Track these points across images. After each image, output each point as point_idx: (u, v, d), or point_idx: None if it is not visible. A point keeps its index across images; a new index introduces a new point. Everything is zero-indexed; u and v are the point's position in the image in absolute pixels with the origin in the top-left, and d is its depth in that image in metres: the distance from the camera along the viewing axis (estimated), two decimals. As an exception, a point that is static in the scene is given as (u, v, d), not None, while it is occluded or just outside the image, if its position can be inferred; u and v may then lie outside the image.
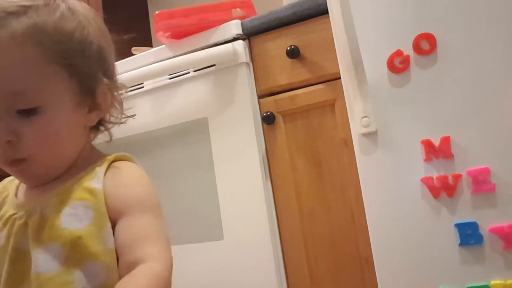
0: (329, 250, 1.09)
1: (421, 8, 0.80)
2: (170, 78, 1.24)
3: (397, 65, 0.82)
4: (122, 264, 0.49)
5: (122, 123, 0.62)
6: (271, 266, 1.10)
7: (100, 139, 0.63)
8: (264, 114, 1.14)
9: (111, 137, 0.63)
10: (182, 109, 1.22)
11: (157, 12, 1.26)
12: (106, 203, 0.52)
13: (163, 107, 1.25)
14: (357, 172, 0.87)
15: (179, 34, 1.25)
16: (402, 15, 0.82)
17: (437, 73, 0.79)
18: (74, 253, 0.49)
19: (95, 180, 0.53)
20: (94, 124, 0.58)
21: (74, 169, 0.56)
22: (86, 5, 0.57)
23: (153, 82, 1.26)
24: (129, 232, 0.50)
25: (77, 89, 0.54)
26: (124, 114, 0.62)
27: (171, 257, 0.50)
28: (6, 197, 0.59)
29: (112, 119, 0.61)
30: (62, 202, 0.52)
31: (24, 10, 0.50)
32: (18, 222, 0.53)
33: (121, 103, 0.61)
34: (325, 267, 1.09)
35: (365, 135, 0.84)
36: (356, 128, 0.85)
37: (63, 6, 0.53)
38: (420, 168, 0.79)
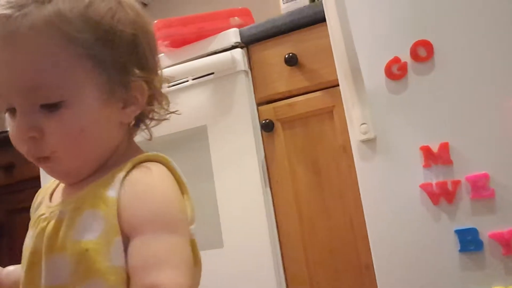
0: (328, 257, 1.09)
1: (418, 15, 0.81)
2: (169, 87, 1.23)
3: (395, 71, 0.82)
4: None
5: (165, 119, 0.57)
6: (271, 273, 1.10)
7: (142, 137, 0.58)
8: (263, 121, 1.15)
9: (151, 135, 0.58)
10: (181, 117, 1.20)
11: (155, 21, 1.27)
12: (118, 215, 0.46)
13: (162, 115, 1.26)
14: (356, 179, 0.87)
15: (177, 42, 1.26)
16: (399, 23, 0.82)
17: (435, 79, 0.80)
18: (80, 268, 0.45)
19: (112, 186, 0.47)
20: (130, 120, 0.53)
21: (105, 169, 0.51)
22: None
23: (152, 91, 1.26)
24: (144, 254, 0.44)
25: (106, 83, 0.48)
26: (167, 110, 0.56)
27: (188, 283, 0.44)
28: (44, 196, 0.56)
29: (154, 115, 0.56)
30: (77, 209, 0.48)
31: None
32: (41, 225, 0.49)
33: (164, 98, 0.56)
34: (325, 274, 1.09)
35: (364, 141, 0.84)
36: (355, 135, 0.85)
37: None
38: (419, 174, 0.79)
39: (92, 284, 0.45)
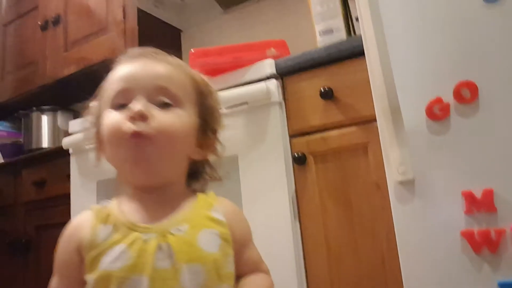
0: (358, 297, 1.05)
1: (463, 55, 0.79)
2: (202, 114, 1.25)
3: (437, 112, 0.80)
4: None
5: (212, 180, 0.71)
6: (297, 310, 1.06)
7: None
8: (295, 154, 1.13)
9: (206, 189, 0.71)
10: (212, 146, 1.22)
11: (192, 49, 1.28)
12: (231, 234, 0.62)
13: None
14: (389, 217, 0.84)
15: (213, 71, 1.27)
16: (443, 62, 0.80)
17: (479, 122, 0.77)
18: (211, 275, 0.57)
19: (213, 211, 0.63)
20: (192, 159, 0.67)
21: (178, 192, 0.65)
22: None
23: (185, 117, 1.27)
24: (253, 259, 0.67)
25: (196, 118, 0.66)
26: (216, 174, 0.71)
27: None
28: (112, 222, 0.60)
29: (206, 174, 0.71)
30: (194, 228, 0.60)
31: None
32: (152, 243, 0.57)
33: (212, 168, 0.71)
34: (353, 315, 1.05)
35: (401, 183, 0.81)
36: (392, 175, 0.82)
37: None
38: (460, 221, 0.76)
39: None
